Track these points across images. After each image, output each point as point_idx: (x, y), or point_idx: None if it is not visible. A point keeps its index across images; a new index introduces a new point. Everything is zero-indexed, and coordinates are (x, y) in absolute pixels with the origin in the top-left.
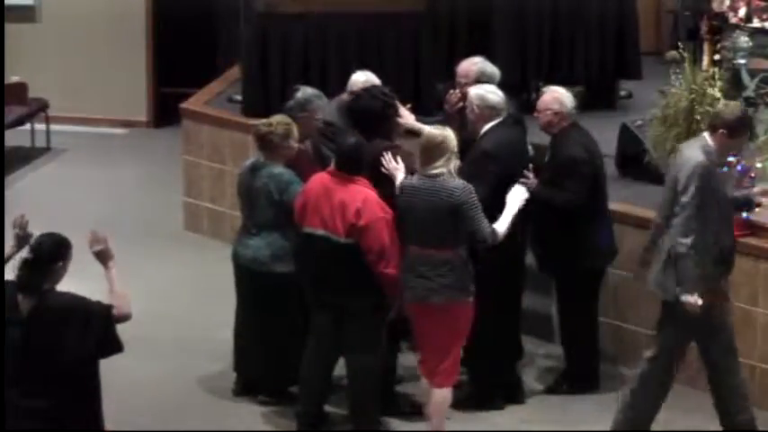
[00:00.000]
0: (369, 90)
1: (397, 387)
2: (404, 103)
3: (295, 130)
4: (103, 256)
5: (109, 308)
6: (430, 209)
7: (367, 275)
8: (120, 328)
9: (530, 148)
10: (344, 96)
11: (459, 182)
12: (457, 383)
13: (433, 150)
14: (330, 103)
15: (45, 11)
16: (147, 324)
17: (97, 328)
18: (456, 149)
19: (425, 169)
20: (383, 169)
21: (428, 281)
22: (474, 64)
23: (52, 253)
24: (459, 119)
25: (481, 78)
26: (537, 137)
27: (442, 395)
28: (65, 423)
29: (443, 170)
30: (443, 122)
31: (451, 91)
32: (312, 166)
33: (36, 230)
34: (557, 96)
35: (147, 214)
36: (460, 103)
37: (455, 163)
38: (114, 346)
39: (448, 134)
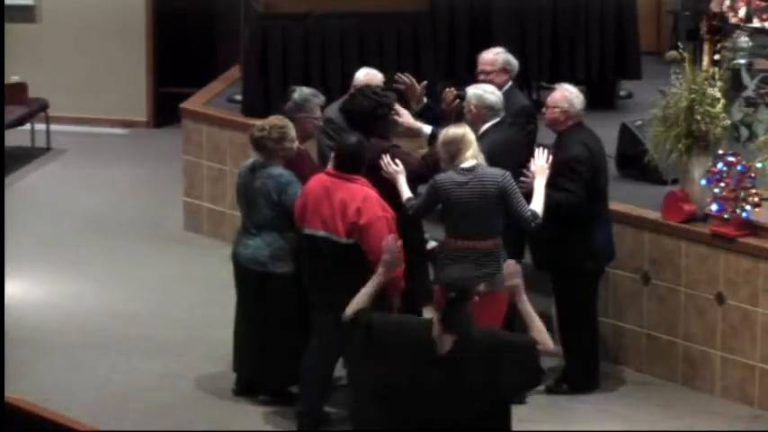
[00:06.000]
0: (362, 90)
1: None
2: (420, 83)
3: (292, 132)
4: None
5: (534, 342)
6: (481, 198)
7: (368, 276)
8: (122, 329)
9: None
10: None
11: (495, 168)
12: None
13: (460, 143)
14: (335, 101)
15: (45, 11)
16: (147, 324)
17: (525, 364)
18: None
19: (458, 163)
20: (383, 173)
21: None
22: (498, 54)
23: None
24: (455, 118)
25: (506, 67)
26: (543, 138)
27: None
28: None
29: (476, 161)
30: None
31: (447, 89)
32: (312, 166)
33: (36, 229)
34: (566, 95)
35: (147, 214)
36: (456, 101)
37: (481, 155)
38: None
39: (467, 128)
